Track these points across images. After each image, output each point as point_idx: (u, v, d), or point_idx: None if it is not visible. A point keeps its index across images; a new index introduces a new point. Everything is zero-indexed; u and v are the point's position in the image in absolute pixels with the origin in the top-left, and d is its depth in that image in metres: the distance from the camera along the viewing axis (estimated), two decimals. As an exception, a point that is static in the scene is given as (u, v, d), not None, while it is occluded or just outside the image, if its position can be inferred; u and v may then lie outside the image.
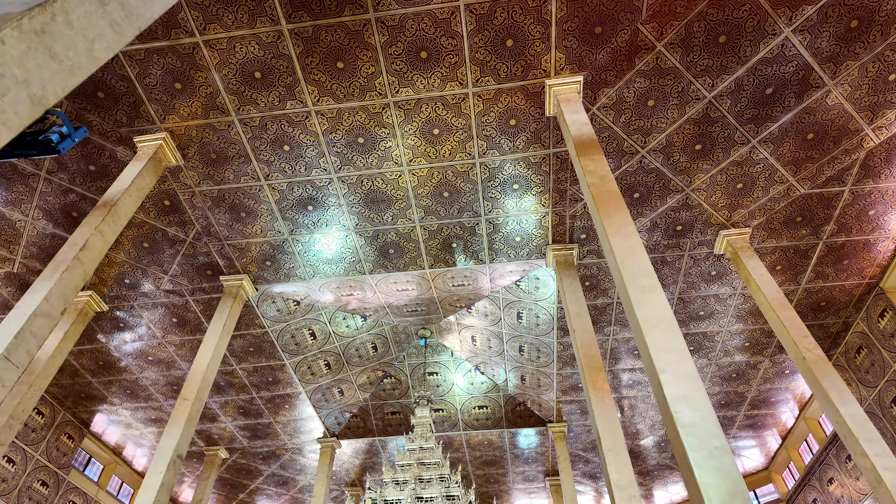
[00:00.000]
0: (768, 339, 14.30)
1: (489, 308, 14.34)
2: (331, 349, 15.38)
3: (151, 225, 11.51)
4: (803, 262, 12.31)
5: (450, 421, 18.07)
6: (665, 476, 20.28)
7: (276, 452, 18.68)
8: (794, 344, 9.62)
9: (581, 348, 9.94)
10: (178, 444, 9.51)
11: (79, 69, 2.66)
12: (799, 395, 16.29)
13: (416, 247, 12.01)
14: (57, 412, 15.99)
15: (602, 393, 9.21)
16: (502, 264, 12.43)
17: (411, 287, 13.29)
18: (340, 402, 17.14)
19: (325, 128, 9.81)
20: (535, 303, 13.71)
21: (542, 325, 14.28)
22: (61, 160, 10.29)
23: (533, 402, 17.15)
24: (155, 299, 13.14)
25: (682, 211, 11.30)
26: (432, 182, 10.73)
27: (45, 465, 15.43)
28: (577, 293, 11.03)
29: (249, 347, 14.62)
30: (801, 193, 10.94)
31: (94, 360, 14.80)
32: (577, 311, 10.62)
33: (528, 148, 10.15)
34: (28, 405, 10.91)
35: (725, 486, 4.10)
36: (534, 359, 15.47)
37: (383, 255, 12.18)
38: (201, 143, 10.06)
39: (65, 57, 2.57)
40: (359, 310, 14.33)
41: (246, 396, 16.22)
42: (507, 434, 18.20)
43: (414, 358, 16.83)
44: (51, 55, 2.49)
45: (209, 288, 12.81)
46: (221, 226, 11.50)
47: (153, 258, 12.16)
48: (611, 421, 8.82)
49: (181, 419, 9.84)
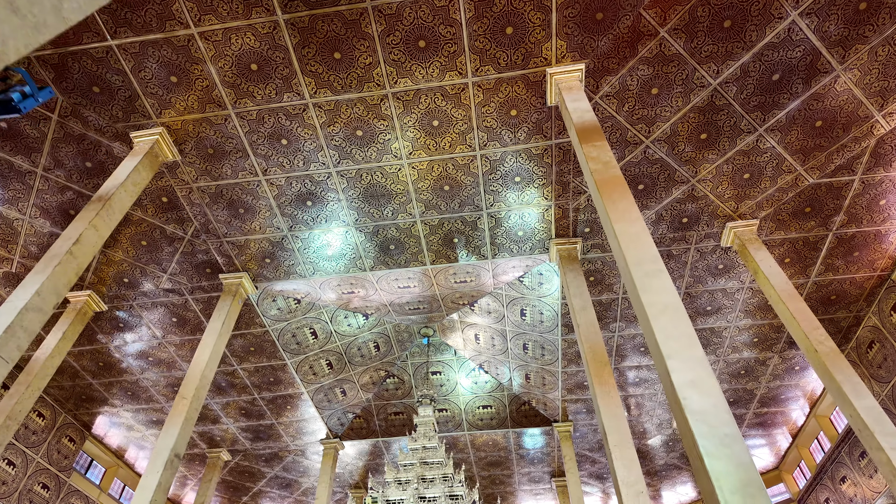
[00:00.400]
0: (777, 334, 14.02)
1: (492, 305, 14.14)
2: (332, 348, 15.21)
3: (149, 223, 11.39)
4: (812, 255, 12.05)
5: (454, 421, 17.85)
6: (673, 476, 19.96)
7: (278, 454, 18.50)
8: (805, 336, 9.37)
9: (586, 343, 9.72)
10: (175, 443, 9.34)
11: (44, 27, 2.50)
12: (809, 392, 15.98)
13: (417, 242, 11.84)
14: (58, 414, 15.88)
15: (608, 388, 8.98)
16: (505, 260, 12.24)
17: (413, 284, 13.11)
18: (343, 402, 16.95)
19: (323, 121, 9.66)
20: (538, 299, 13.49)
21: (547, 322, 14.06)
22: (58, 158, 10.19)
23: (538, 401, 16.91)
24: (154, 298, 13.01)
25: (687, 203, 11.08)
26: (432, 175, 10.56)
27: (46, 467, 15.30)
28: (581, 287, 10.82)
29: (250, 347, 14.47)
30: (809, 183, 10.70)
31: (95, 362, 14.69)
32: (582, 306, 10.41)
33: (530, 139, 9.97)
34: (26, 405, 10.78)
35: (738, 475, 3.89)
36: (538, 357, 15.23)
37: (384, 251, 12.01)
38: (198, 137, 9.94)
39: (28, 13, 2.41)
40: (360, 308, 14.16)
41: (247, 397, 16.06)
42: (512, 434, 17.95)
43: (417, 357, 16.63)
44: (12, 9, 2.33)
45: (209, 286, 12.67)
46: (220, 223, 11.37)
47: (152, 256, 12.03)
48: (617, 417, 8.59)
49: (179, 418, 9.68)
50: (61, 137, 9.92)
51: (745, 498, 3.78)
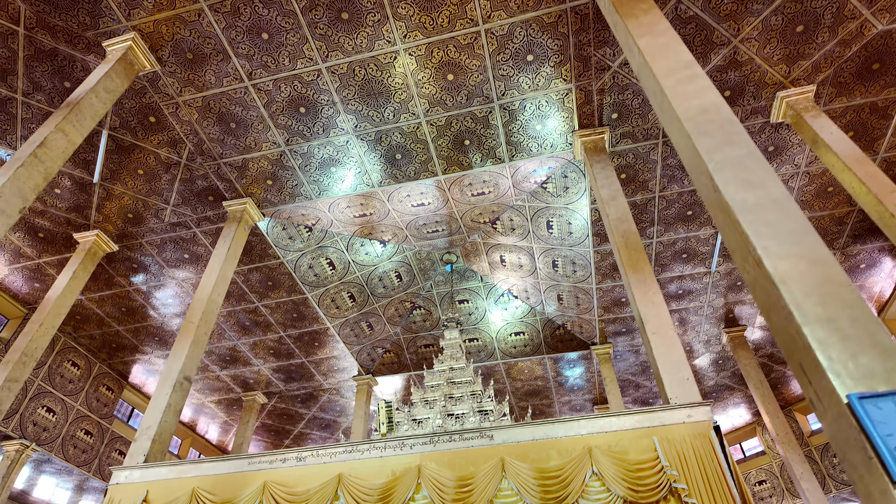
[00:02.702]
0: (839, 227, 12.49)
1: (516, 220, 13.10)
2: (352, 280, 14.60)
3: (141, 148, 10.77)
4: (882, 124, 10.40)
5: (486, 350, 17.19)
6: (725, 398, 18.89)
7: (313, 395, 18.39)
8: (878, 202, 7.99)
9: (616, 231, 8.64)
10: (183, 365, 8.94)
11: None
12: (877, 294, 14.43)
13: (426, 148, 10.83)
14: (93, 364, 16.04)
15: (643, 275, 7.94)
16: (524, 161, 11.11)
17: (427, 200, 12.18)
18: (371, 337, 16.49)
19: (304, 5, 8.61)
20: (565, 208, 12.36)
21: (576, 233, 12.95)
22: (34, 79, 9.57)
23: (573, 323, 15.98)
24: (162, 235, 12.58)
25: (729, 71, 9.59)
26: (433, 63, 9.43)
27: (87, 414, 15.57)
28: (610, 178, 9.64)
29: (268, 282, 14.00)
30: (878, 31, 9.02)
31: (117, 307, 14.58)
32: (612, 195, 9.27)
33: (540, 4, 8.65)
34: (41, 343, 10.62)
35: (812, 273, 2.85)
36: (569, 274, 14.21)
37: (390, 161, 11.07)
38: (174, 41, 9.08)
39: None
40: (375, 234, 13.39)
41: (273, 336, 15.77)
42: (549, 361, 17.18)
43: (442, 286, 15.88)
44: None
45: (214, 216, 12.10)
46: (213, 141, 10.64)
47: (151, 187, 11.50)
48: (655, 304, 7.57)
49: (186, 340, 9.27)
50: (33, 55, 9.26)
51: (824, 297, 2.76)
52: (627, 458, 6.11)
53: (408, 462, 6.71)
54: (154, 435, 8.07)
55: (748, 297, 14.37)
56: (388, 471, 6.69)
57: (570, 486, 6.05)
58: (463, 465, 6.55)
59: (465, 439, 6.81)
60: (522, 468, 6.30)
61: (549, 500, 6.04)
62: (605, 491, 6.02)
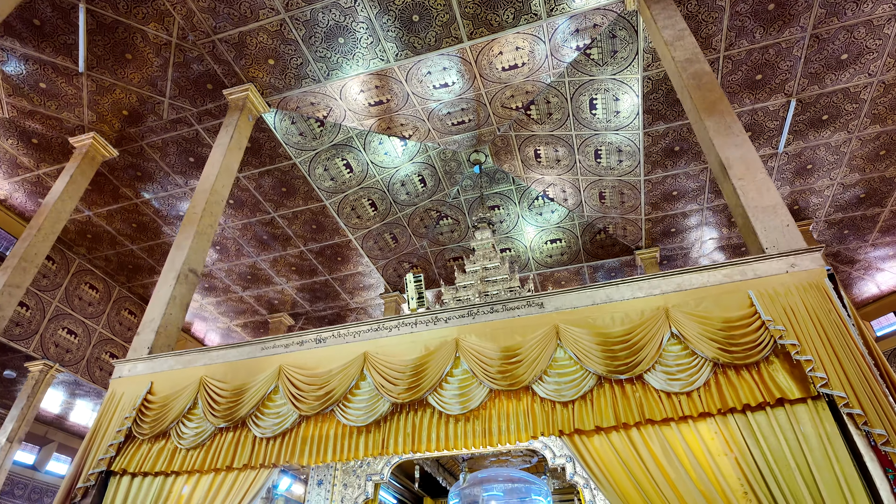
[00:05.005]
0: (939, 88, 10.55)
1: (553, 103, 11.52)
2: (372, 184, 13.40)
3: (126, 25, 9.47)
4: None
5: (519, 262, 16.04)
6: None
7: (341, 315, 17.71)
8: None
9: (684, 74, 7.09)
10: (187, 256, 8.02)
11: None
12: (971, 174, 12.52)
13: (447, 5, 9.23)
14: (112, 287, 15.53)
15: (723, 116, 6.46)
16: (563, 16, 9.43)
17: (451, 78, 10.67)
18: (396, 250, 15.47)
19: None
20: (612, 78, 10.71)
21: (624, 111, 11.34)
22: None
23: (616, 226, 14.59)
24: (163, 135, 11.48)
25: None
26: None
27: (110, 337, 15.20)
28: (673, 17, 7.97)
29: (282, 187, 12.91)
30: None
31: (128, 223, 13.79)
32: (676, 35, 7.65)
33: None
34: (41, 249, 9.86)
35: None
36: (614, 165, 12.69)
37: (406, 26, 9.54)
38: None
39: None
40: (394, 128, 12.02)
41: (294, 250, 14.88)
42: (587, 269, 15.96)
43: (470, 192, 14.58)
44: None
45: (215, 109, 10.90)
46: (204, 11, 9.25)
47: (143, 75, 10.28)
48: (740, 145, 6.14)
49: (190, 231, 8.33)
50: None
51: None
52: (714, 316, 4.90)
53: (444, 335, 5.66)
54: (158, 328, 7.23)
55: (818, 182, 12.66)
56: (421, 346, 5.66)
57: (642, 350, 4.90)
58: (508, 336, 5.46)
59: (510, 309, 5.70)
60: (582, 334, 5.17)
61: (617, 367, 4.92)
62: (688, 355, 4.86)
